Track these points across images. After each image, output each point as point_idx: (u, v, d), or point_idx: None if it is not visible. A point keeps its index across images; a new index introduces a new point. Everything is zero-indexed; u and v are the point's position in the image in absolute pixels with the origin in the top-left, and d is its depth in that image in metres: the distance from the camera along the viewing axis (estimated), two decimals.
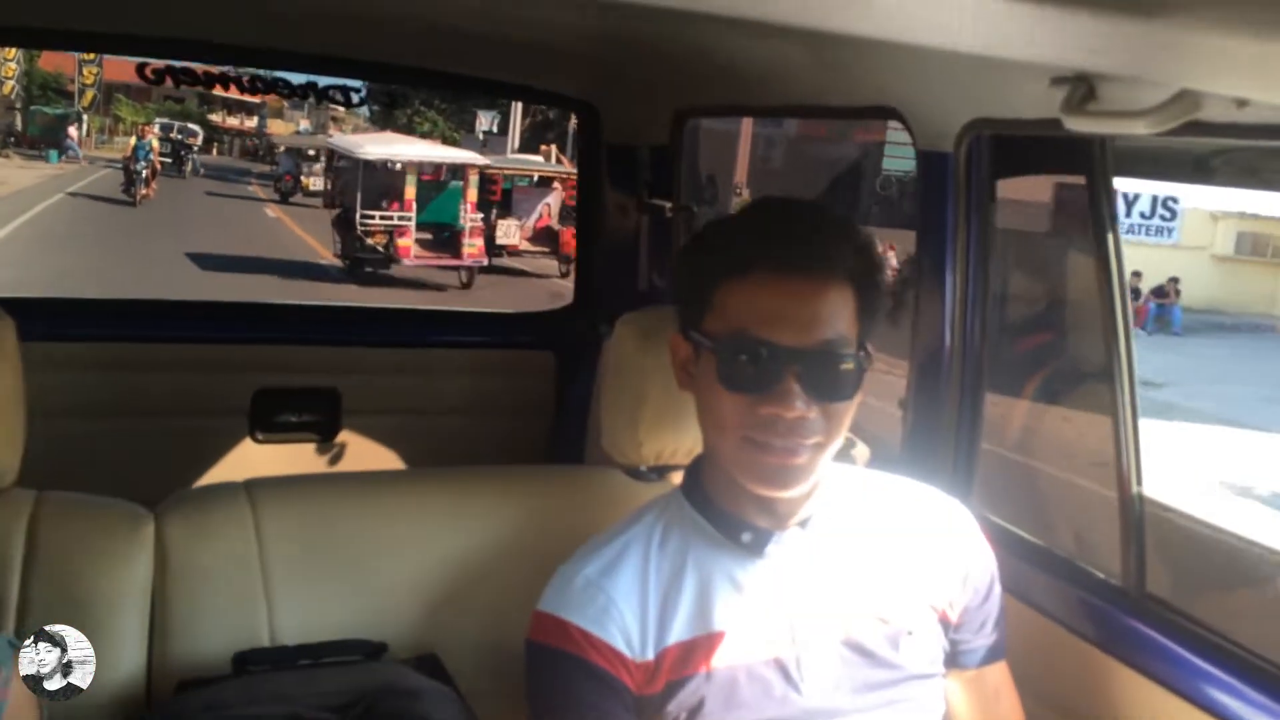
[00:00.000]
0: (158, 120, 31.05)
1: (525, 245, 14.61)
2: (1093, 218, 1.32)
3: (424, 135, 27.68)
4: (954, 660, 1.18)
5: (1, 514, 1.18)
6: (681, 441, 1.34)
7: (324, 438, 2.39)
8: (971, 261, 1.52)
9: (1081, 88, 1.08)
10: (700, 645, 1.09)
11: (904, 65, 1.41)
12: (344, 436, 2.40)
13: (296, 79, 2.10)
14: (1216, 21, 0.50)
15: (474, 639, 1.28)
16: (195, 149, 29.76)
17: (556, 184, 15.16)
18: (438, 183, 13.34)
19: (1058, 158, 1.40)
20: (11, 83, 29.98)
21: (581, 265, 2.57)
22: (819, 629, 1.11)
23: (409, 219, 12.58)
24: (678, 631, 1.09)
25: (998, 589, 1.20)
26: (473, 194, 13.19)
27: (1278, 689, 1.10)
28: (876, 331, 1.09)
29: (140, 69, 2.00)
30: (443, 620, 1.28)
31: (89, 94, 34.52)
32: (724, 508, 1.12)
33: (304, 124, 42.50)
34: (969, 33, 0.74)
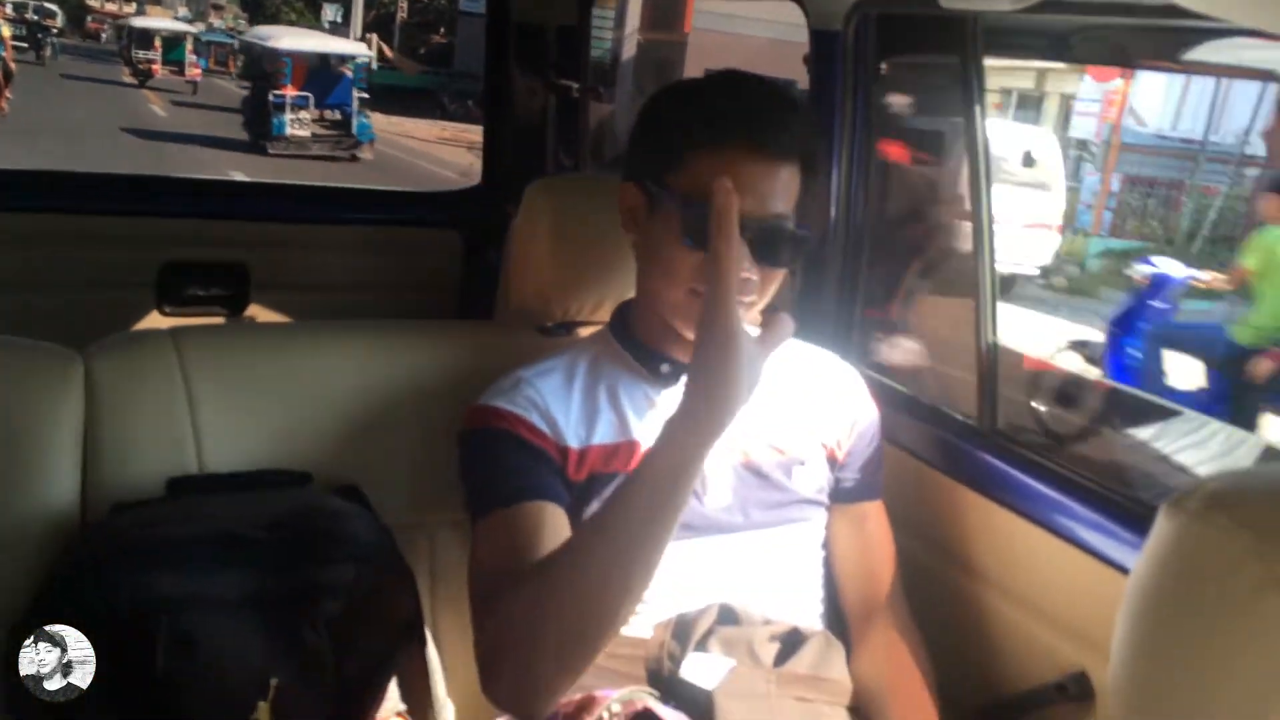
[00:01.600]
0: (9, 0, 29.45)
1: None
2: (962, 96, 1.43)
3: (291, 23, 33.42)
4: (836, 495, 1.32)
5: None
6: (587, 299, 1.44)
7: (232, 312, 2.42)
8: (857, 138, 1.63)
9: None
10: (621, 450, 1.21)
11: None
12: (252, 310, 2.42)
13: None
14: None
15: (391, 474, 1.37)
16: (55, 31, 29.03)
17: None
18: (176, 41, 25.93)
19: (936, 38, 1.51)
20: None
21: (489, 145, 2.60)
22: (721, 451, 1.22)
23: (156, 57, 24.81)
24: (600, 435, 1.21)
25: (879, 440, 1.35)
26: (190, 45, 25.91)
27: (1104, 505, 1.26)
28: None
29: None
30: (363, 457, 1.36)
31: None
32: (648, 345, 1.25)
33: (182, 10, 41.78)
34: None
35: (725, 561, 1.22)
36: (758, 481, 1.25)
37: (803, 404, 1.31)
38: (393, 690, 1.22)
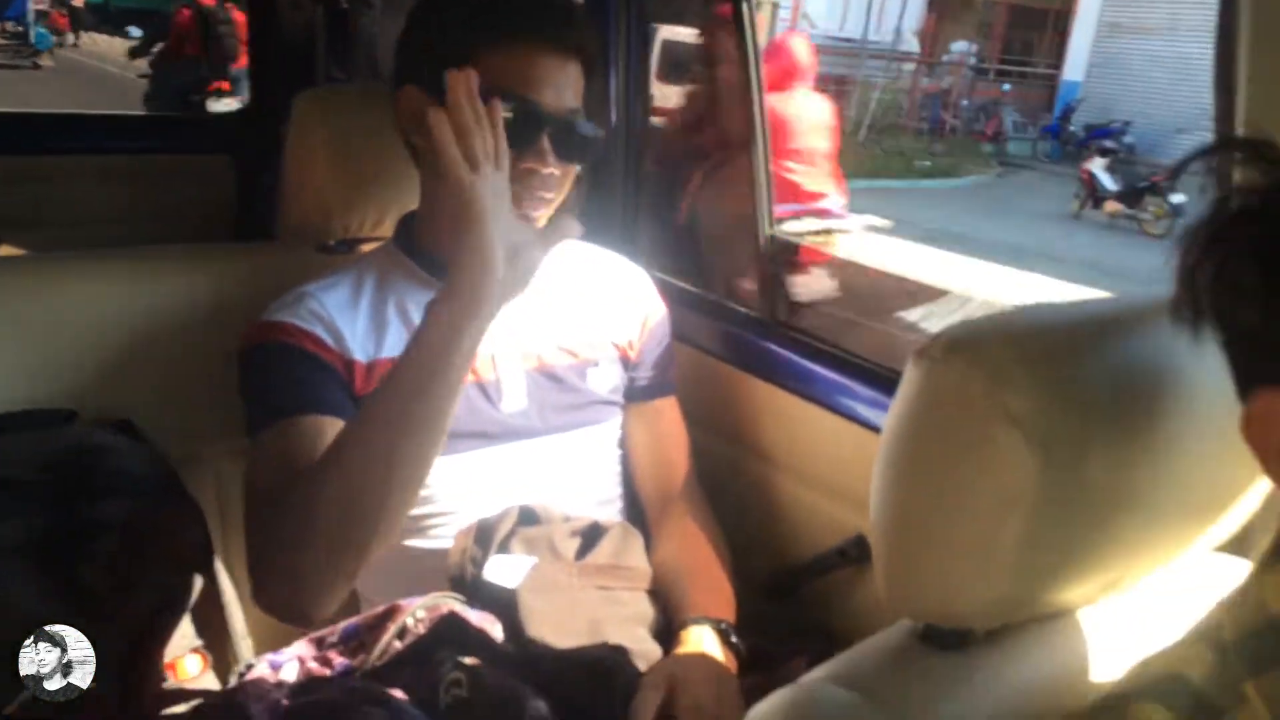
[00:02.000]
0: None
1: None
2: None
3: None
4: (630, 394, 1.35)
5: None
6: (369, 214, 1.40)
7: None
8: (633, 41, 1.64)
9: None
10: None
11: None
12: (4, 251, 2.23)
13: None
14: None
15: (168, 406, 1.30)
16: None
17: None
18: None
19: None
20: None
21: (256, 64, 2.46)
22: (516, 358, 1.25)
23: None
24: (389, 348, 1.18)
25: (669, 337, 1.39)
26: None
27: (875, 380, 1.34)
28: None
29: None
30: (136, 391, 1.29)
31: None
32: (435, 255, 1.21)
33: None
34: None
35: (524, 466, 1.24)
36: (552, 385, 1.27)
37: (593, 307, 1.33)
38: (188, 626, 1.18)
